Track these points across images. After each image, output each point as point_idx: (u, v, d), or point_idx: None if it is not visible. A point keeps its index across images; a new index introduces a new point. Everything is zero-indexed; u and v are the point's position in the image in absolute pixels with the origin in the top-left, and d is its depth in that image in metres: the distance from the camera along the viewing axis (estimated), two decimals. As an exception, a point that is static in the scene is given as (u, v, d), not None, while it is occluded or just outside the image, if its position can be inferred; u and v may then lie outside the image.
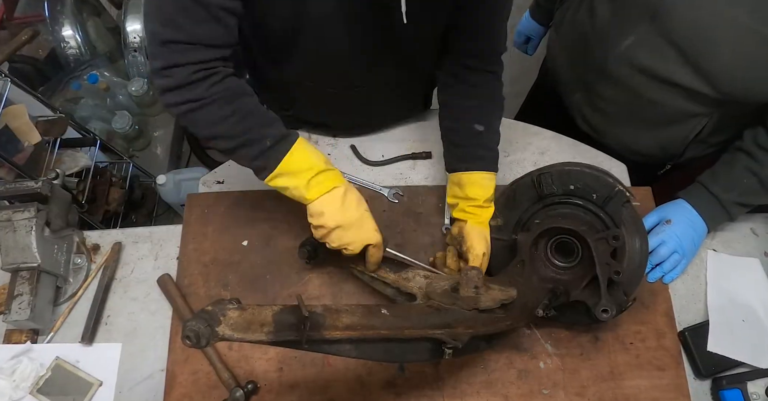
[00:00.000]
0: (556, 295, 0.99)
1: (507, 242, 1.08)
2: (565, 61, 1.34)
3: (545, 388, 1.06)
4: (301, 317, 0.72)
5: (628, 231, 1.00)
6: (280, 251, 1.19)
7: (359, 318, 0.78)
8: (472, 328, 0.88)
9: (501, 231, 1.10)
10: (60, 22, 2.31)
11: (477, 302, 0.89)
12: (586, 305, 0.96)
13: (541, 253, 1.04)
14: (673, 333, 1.11)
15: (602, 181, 1.01)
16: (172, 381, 1.07)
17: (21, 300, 1.07)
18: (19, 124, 1.68)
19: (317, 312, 0.75)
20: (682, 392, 1.06)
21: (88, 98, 2.32)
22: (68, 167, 1.87)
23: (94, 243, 1.22)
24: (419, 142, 1.33)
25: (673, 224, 1.15)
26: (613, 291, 0.95)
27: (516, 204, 1.09)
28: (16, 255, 1.09)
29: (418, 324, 0.84)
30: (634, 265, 1.00)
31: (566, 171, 1.04)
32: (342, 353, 0.79)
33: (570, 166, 1.04)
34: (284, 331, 0.72)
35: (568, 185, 1.04)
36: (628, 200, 1.00)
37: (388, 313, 0.82)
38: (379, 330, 0.79)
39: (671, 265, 1.15)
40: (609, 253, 0.96)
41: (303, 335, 0.72)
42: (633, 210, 1.01)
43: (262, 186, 1.25)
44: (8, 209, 1.10)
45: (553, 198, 1.05)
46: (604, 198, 1.01)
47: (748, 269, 1.18)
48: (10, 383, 1.06)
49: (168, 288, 1.14)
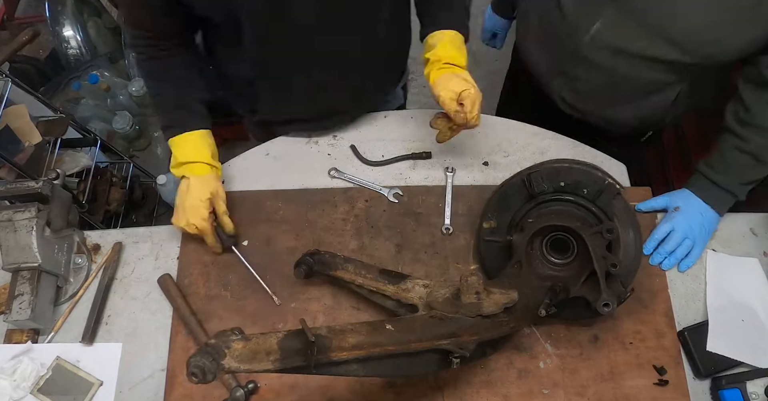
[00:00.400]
0: (555, 293, 0.99)
1: (502, 243, 1.09)
2: (537, 50, 1.35)
3: (545, 388, 1.07)
4: (307, 342, 0.72)
5: (621, 223, 1.01)
6: (280, 251, 1.19)
7: (365, 337, 0.78)
8: (477, 334, 0.88)
9: (495, 233, 1.10)
10: (61, 22, 2.32)
11: (480, 308, 0.89)
12: (585, 300, 0.96)
13: (537, 252, 1.05)
14: (673, 333, 1.11)
15: (592, 175, 1.02)
16: (173, 381, 1.07)
17: (22, 300, 1.07)
18: (20, 124, 1.68)
19: (322, 334, 0.75)
20: (681, 392, 1.06)
21: (89, 98, 2.33)
22: (69, 167, 1.87)
23: (94, 243, 1.22)
24: (419, 142, 1.33)
25: (681, 211, 1.16)
26: (611, 283, 0.95)
27: (508, 205, 1.10)
28: (17, 255, 1.09)
29: (423, 336, 0.84)
30: (630, 256, 1.01)
31: (555, 168, 1.04)
32: (350, 373, 0.79)
33: (559, 163, 1.05)
34: (291, 358, 0.72)
35: (558, 182, 1.05)
36: (618, 192, 1.00)
37: (393, 328, 0.82)
38: (385, 347, 0.79)
39: (683, 252, 1.15)
40: (604, 247, 0.96)
41: (311, 359, 0.72)
42: (624, 201, 1.03)
43: (263, 186, 1.27)
44: (9, 209, 1.10)
45: (544, 196, 1.06)
46: (595, 192, 1.03)
47: (748, 269, 1.18)
48: (11, 383, 1.06)
49: (168, 288, 1.14)
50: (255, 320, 1.12)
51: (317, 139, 1.34)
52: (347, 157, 1.32)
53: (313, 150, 1.33)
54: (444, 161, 1.31)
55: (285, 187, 1.27)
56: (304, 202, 1.24)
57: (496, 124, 1.36)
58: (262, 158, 1.32)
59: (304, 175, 1.29)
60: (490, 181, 1.27)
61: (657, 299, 1.14)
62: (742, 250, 1.20)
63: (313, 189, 1.27)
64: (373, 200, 1.24)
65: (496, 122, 1.36)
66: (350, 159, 1.32)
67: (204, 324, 1.11)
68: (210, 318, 1.12)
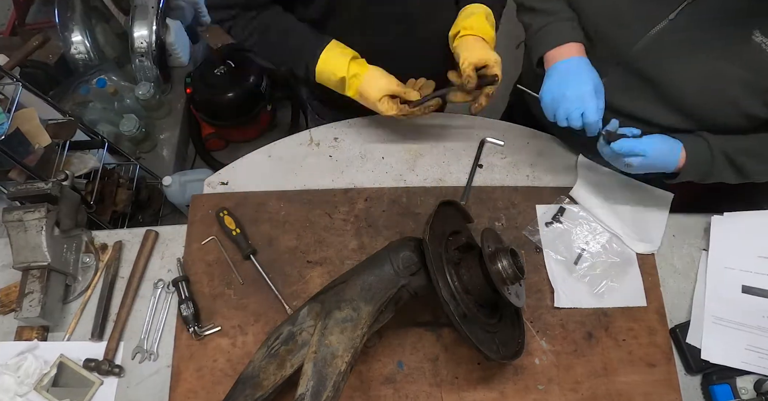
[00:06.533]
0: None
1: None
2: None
3: (540, 384, 1.09)
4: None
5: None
6: (282, 250, 1.21)
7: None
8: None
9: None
10: (70, 28, 2.36)
11: None
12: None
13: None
14: (665, 330, 1.13)
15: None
16: (178, 377, 1.09)
17: (32, 298, 1.09)
18: (30, 126, 1.71)
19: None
20: (673, 387, 1.08)
21: (97, 102, 2.37)
22: (77, 169, 1.90)
23: (102, 243, 1.25)
24: (420, 143, 1.36)
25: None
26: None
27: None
28: (27, 254, 1.11)
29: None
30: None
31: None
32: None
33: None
34: None
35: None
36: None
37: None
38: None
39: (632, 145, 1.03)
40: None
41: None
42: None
43: (265, 187, 1.29)
44: (19, 209, 1.13)
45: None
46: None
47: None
48: (16, 379, 1.08)
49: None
50: (257, 318, 1.15)
51: (318, 141, 1.37)
52: (348, 158, 1.35)
53: (314, 151, 1.35)
54: (443, 162, 1.33)
55: (287, 188, 1.30)
56: (305, 203, 1.27)
57: (494, 125, 1.38)
58: (264, 160, 1.34)
59: (306, 176, 1.32)
60: (488, 182, 1.30)
61: (649, 297, 1.16)
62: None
63: (314, 190, 1.29)
64: (373, 200, 1.27)
65: (494, 124, 1.39)
66: (351, 160, 1.34)
67: (208, 322, 1.14)
68: (213, 316, 1.15)
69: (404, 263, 0.97)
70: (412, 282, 0.97)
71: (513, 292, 1.00)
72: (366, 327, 0.93)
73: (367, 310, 0.94)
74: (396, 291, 0.96)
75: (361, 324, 0.93)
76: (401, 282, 0.96)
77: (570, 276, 1.18)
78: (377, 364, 1.10)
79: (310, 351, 0.91)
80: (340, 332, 0.91)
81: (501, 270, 0.97)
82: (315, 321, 0.95)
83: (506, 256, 0.97)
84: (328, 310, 0.94)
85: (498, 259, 0.97)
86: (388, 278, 0.96)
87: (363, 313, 0.93)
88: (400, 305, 0.99)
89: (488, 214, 1.25)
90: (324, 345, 0.90)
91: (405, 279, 0.96)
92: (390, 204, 1.27)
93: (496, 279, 0.95)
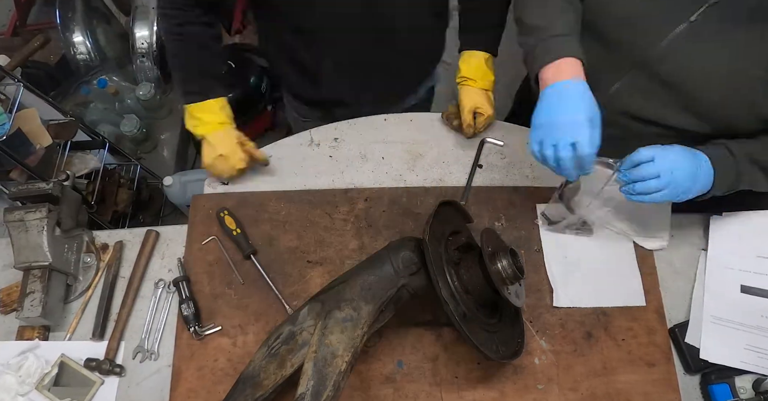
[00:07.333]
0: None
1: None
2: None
3: (540, 383, 1.09)
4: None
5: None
6: (283, 250, 1.22)
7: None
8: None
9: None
10: (71, 28, 2.37)
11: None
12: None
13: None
14: (664, 330, 1.13)
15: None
16: (178, 377, 1.09)
17: (33, 298, 1.09)
18: (31, 127, 1.71)
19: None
20: (672, 387, 1.08)
21: (98, 102, 2.38)
22: (78, 169, 1.91)
23: (102, 243, 1.25)
24: (420, 144, 1.36)
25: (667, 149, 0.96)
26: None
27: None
28: (28, 254, 1.11)
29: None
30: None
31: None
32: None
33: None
34: None
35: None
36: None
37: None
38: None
39: (653, 186, 0.94)
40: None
41: None
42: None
43: (266, 187, 1.30)
44: (21, 209, 1.13)
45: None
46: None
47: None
48: (17, 378, 1.08)
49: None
50: (258, 318, 1.15)
51: (318, 141, 1.37)
52: (348, 159, 1.35)
53: (314, 152, 1.36)
54: (443, 162, 1.34)
55: (287, 188, 1.30)
56: (305, 203, 1.27)
57: (494, 125, 1.39)
58: (265, 160, 1.35)
59: (306, 176, 1.32)
60: (488, 182, 1.30)
61: (648, 297, 1.16)
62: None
63: (314, 190, 1.30)
64: (373, 200, 1.27)
65: (494, 124, 1.39)
66: (351, 160, 1.35)
67: (208, 321, 1.15)
68: (214, 316, 1.15)
69: (404, 263, 0.97)
70: (412, 282, 0.97)
71: (513, 292, 1.00)
72: (366, 326, 0.93)
73: (367, 310, 0.94)
74: (396, 291, 0.96)
75: (361, 323, 0.93)
76: (401, 282, 0.96)
77: (569, 275, 1.18)
78: (377, 364, 1.10)
79: (310, 350, 0.91)
80: (340, 332, 0.92)
81: (501, 270, 0.97)
82: (315, 320, 0.95)
83: (506, 256, 0.98)
84: (329, 310, 0.94)
85: (498, 259, 0.98)
86: (388, 278, 0.97)
87: (363, 313, 0.93)
88: (400, 305, 0.99)
89: (488, 214, 1.26)
90: (324, 344, 0.91)
91: (405, 279, 0.97)
92: (390, 204, 1.27)
93: (496, 279, 0.96)
